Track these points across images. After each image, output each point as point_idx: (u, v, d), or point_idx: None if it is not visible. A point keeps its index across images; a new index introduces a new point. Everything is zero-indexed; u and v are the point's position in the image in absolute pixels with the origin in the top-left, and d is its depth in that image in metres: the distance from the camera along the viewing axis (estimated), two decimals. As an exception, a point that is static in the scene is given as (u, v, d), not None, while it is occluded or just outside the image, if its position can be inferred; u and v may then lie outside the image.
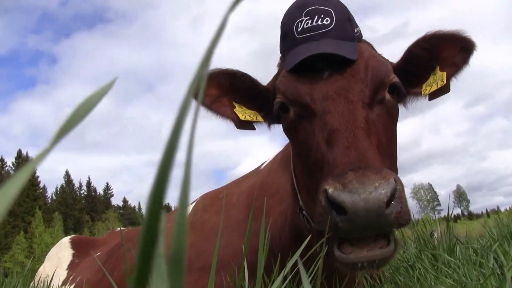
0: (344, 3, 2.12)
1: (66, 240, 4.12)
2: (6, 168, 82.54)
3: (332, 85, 1.88)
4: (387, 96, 1.96)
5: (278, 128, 2.22)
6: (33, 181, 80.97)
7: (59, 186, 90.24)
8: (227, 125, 2.19)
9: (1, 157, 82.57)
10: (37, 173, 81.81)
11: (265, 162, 2.96)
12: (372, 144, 1.73)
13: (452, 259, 2.46)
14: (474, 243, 3.26)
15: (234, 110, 2.19)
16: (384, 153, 1.82)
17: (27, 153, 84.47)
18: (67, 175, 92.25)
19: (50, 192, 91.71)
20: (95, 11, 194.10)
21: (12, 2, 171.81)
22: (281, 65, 2.19)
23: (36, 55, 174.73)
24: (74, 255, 3.89)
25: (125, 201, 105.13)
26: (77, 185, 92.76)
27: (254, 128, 2.24)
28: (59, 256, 3.89)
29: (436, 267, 2.49)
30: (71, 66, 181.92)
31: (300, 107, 1.95)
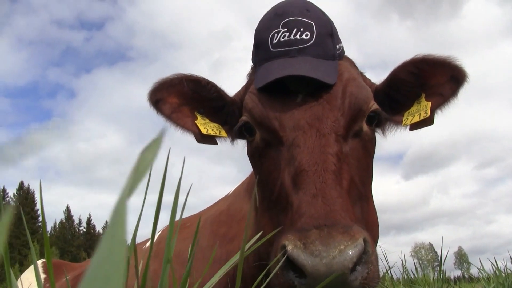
0: (328, 16, 1.97)
1: (38, 264, 3.92)
2: (7, 198, 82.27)
3: (305, 112, 1.73)
4: (365, 127, 1.82)
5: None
6: (33, 214, 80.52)
7: (58, 221, 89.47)
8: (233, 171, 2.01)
9: (3, 188, 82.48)
10: (37, 206, 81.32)
11: (234, 188, 2.78)
12: (343, 189, 1.58)
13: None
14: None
15: (195, 121, 2.02)
16: (356, 197, 1.68)
17: (28, 185, 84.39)
18: (68, 210, 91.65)
19: (50, 226, 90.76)
20: (118, 49, 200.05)
21: (38, 35, 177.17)
22: (251, 77, 2.05)
23: (56, 88, 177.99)
24: (45, 279, 3.69)
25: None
26: (76, 221, 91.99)
27: (216, 143, 2.07)
28: (30, 281, 3.68)
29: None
30: (88, 101, 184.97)
31: (267, 132, 1.80)
